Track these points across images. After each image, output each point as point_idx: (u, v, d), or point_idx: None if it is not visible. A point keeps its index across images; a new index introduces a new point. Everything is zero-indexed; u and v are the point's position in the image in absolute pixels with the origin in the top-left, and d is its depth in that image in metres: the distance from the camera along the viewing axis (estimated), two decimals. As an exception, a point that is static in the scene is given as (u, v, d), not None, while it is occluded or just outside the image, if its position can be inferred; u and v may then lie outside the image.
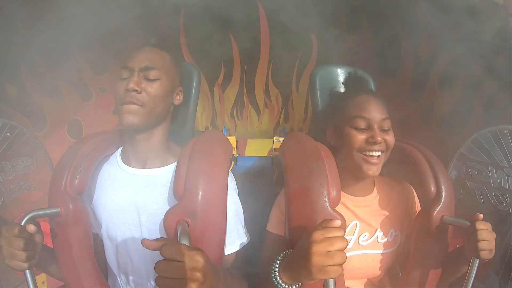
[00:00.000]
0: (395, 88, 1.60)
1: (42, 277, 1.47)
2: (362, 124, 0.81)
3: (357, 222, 0.85)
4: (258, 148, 1.91)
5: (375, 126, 0.80)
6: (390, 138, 0.82)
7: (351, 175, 0.85)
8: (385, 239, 0.86)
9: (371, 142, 0.79)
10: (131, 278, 0.80)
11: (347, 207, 0.86)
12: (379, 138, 0.78)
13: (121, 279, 0.82)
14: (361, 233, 0.85)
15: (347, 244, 0.58)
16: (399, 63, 1.59)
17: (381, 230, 0.86)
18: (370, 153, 0.80)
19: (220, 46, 1.92)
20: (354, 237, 0.84)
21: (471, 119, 1.36)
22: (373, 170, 0.80)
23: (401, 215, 0.90)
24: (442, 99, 1.46)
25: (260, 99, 2.08)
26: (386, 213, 0.88)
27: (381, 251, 0.86)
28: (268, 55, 1.98)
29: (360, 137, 0.80)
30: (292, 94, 2.06)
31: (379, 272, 0.87)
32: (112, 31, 1.32)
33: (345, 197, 0.86)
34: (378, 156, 0.80)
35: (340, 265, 0.56)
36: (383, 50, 1.66)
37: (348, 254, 0.81)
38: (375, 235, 0.86)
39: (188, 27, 1.93)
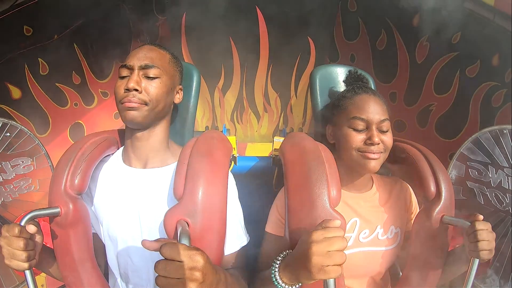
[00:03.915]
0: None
1: (41, 281, 1.47)
2: (360, 125, 0.81)
3: (357, 219, 0.85)
4: (257, 153, 1.92)
5: (373, 127, 0.80)
6: (388, 139, 0.82)
7: (351, 171, 0.86)
8: (386, 236, 0.86)
9: (368, 143, 0.79)
10: (131, 278, 0.80)
11: (346, 204, 0.86)
12: (376, 139, 0.79)
13: (121, 279, 0.82)
14: (361, 230, 0.85)
15: (347, 244, 0.58)
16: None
17: (381, 227, 0.86)
18: (368, 153, 0.80)
19: (220, 50, 1.93)
20: (354, 235, 0.84)
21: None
22: (373, 165, 0.80)
23: (401, 212, 0.90)
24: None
25: (259, 102, 2.10)
26: (386, 209, 0.88)
27: (381, 248, 0.86)
28: (267, 59, 1.99)
29: (358, 138, 0.81)
30: (291, 98, 2.07)
31: (379, 269, 0.86)
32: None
33: (345, 194, 0.86)
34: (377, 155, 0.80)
35: (340, 265, 0.56)
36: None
37: (348, 251, 0.82)
38: (376, 232, 0.86)
39: (189, 33, 1.94)
